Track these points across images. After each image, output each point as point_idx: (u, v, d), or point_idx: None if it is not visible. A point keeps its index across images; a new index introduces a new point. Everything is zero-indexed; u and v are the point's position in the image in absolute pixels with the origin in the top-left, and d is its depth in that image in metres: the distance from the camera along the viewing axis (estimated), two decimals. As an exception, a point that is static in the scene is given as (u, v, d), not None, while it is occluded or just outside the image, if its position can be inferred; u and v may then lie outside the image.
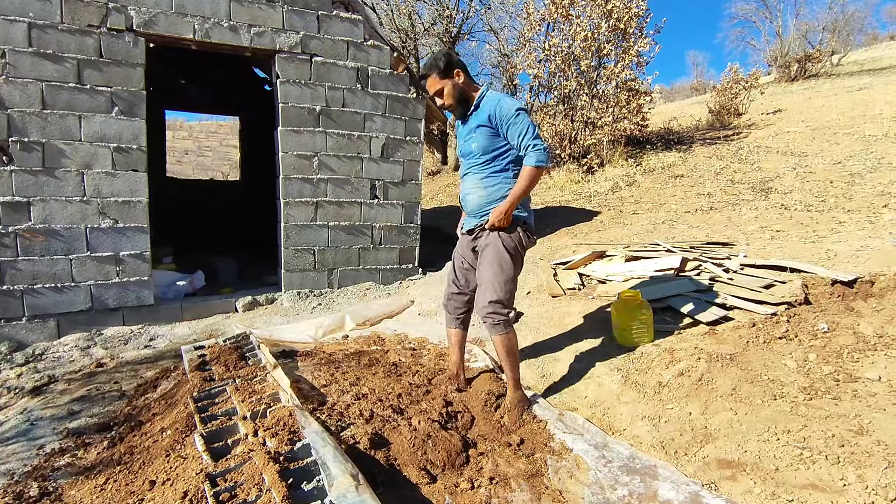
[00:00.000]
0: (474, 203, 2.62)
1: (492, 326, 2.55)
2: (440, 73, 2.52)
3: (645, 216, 6.52)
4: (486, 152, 2.56)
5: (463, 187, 2.70)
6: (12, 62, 3.77)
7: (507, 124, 2.47)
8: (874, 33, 23.82)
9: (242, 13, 4.48)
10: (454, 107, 2.60)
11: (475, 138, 2.57)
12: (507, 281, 2.55)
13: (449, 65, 2.53)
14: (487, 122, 2.51)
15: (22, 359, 3.71)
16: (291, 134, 4.79)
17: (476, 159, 2.60)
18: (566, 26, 9.05)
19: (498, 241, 2.54)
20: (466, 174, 2.67)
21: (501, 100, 2.51)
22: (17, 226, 3.85)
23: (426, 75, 2.56)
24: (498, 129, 2.51)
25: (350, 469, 1.80)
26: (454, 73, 2.54)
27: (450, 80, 2.54)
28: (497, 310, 2.53)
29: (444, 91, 2.55)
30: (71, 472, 2.29)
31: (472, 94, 2.60)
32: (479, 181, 2.60)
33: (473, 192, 2.62)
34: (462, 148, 2.69)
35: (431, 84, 2.56)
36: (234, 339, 3.58)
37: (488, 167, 2.58)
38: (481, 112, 2.55)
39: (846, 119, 9.26)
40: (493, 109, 2.50)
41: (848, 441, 2.00)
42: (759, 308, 3.09)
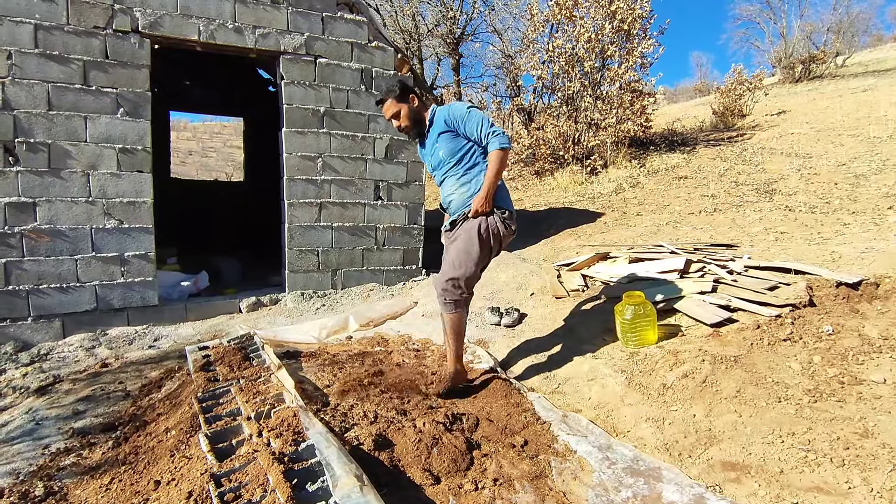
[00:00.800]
0: (458, 201, 2.78)
1: (443, 304, 2.72)
2: (396, 97, 2.74)
3: (649, 218, 6.52)
4: (454, 153, 2.75)
5: (443, 192, 2.87)
6: (18, 63, 3.79)
7: (463, 122, 2.68)
8: (879, 34, 23.78)
9: (247, 15, 4.49)
10: (409, 128, 2.80)
11: (440, 147, 2.76)
12: (470, 263, 2.67)
13: (404, 90, 2.75)
14: (445, 126, 2.72)
15: (27, 359, 3.72)
16: (296, 135, 4.80)
17: (448, 165, 2.78)
18: (570, 28, 9.05)
19: (473, 224, 2.68)
20: (444, 180, 2.85)
21: (451, 105, 2.75)
22: (22, 226, 3.87)
23: (383, 100, 2.76)
24: (457, 130, 2.72)
25: (354, 470, 1.80)
26: (409, 98, 2.76)
27: (405, 104, 2.75)
28: (451, 288, 2.67)
29: (400, 113, 2.75)
30: (76, 471, 2.29)
31: (425, 114, 2.83)
32: (457, 180, 2.77)
33: (454, 192, 2.78)
34: (431, 161, 2.87)
35: (388, 108, 2.75)
36: (238, 339, 3.59)
37: (461, 165, 2.76)
38: (437, 122, 2.77)
39: (851, 120, 9.23)
40: (446, 114, 2.72)
41: (853, 444, 2.00)
42: (764, 310, 3.08)
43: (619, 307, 3.10)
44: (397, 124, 2.79)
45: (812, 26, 17.92)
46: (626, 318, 3.02)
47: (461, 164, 2.75)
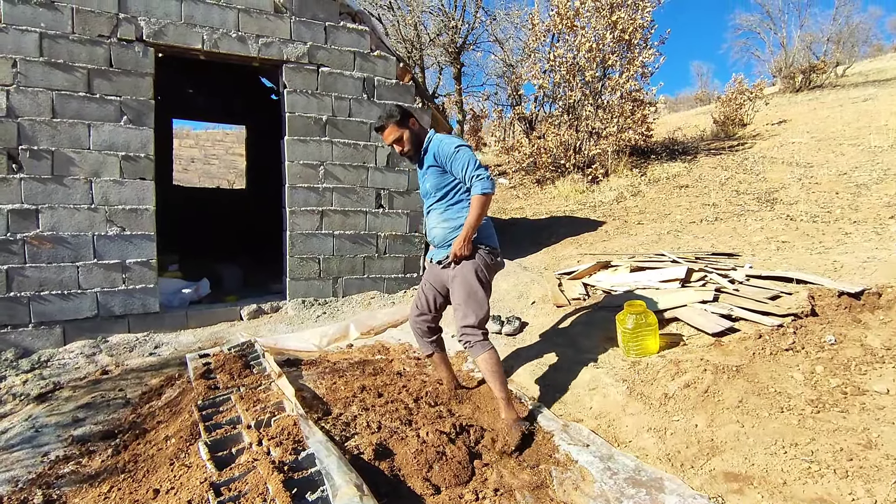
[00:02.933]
0: (440, 236, 2.75)
1: (470, 348, 2.64)
2: (397, 122, 2.68)
3: (650, 226, 6.52)
4: (439, 189, 2.72)
5: (427, 223, 2.87)
6: (23, 71, 3.82)
7: (450, 161, 2.63)
8: (879, 44, 23.89)
9: (251, 24, 4.53)
10: (412, 152, 2.75)
11: (428, 179, 2.75)
12: (478, 305, 2.64)
13: (405, 114, 2.70)
14: (434, 161, 2.69)
15: (28, 365, 3.72)
16: (298, 143, 4.82)
17: (433, 198, 2.77)
18: (571, 37, 9.11)
19: (463, 269, 2.66)
20: (429, 212, 2.82)
21: (442, 140, 2.69)
22: (25, 233, 3.88)
23: (383, 126, 2.69)
24: (443, 167, 2.68)
25: (354, 479, 1.80)
26: (409, 122, 2.71)
27: (406, 129, 2.70)
28: (470, 332, 2.62)
29: (402, 138, 2.70)
30: (75, 479, 2.29)
31: (423, 137, 2.76)
32: (440, 215, 2.75)
33: (437, 226, 2.76)
34: (421, 189, 2.85)
35: (390, 133, 2.69)
36: (238, 347, 3.58)
37: (445, 201, 2.74)
38: (429, 154, 2.73)
39: (851, 130, 9.26)
40: (436, 149, 2.68)
41: (856, 455, 1.98)
42: (766, 319, 3.07)
43: (621, 316, 3.10)
44: (399, 149, 2.73)
45: (812, 36, 18.03)
46: (628, 328, 3.01)
47: (445, 200, 2.73)
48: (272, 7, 4.60)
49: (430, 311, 2.89)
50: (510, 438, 2.41)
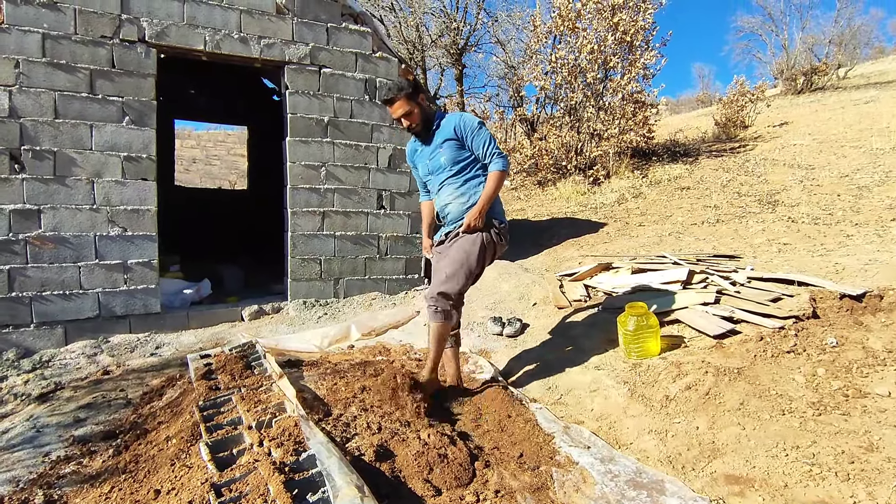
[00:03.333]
0: (455, 212, 2.77)
1: (433, 313, 2.67)
2: (408, 96, 2.64)
3: (651, 228, 6.51)
4: (456, 162, 2.74)
5: (439, 200, 2.85)
6: (26, 72, 3.83)
7: (472, 135, 2.70)
8: (880, 47, 23.86)
9: (253, 25, 4.54)
10: (420, 128, 2.74)
11: (443, 153, 2.74)
12: (465, 276, 2.68)
13: (416, 88, 2.66)
14: (453, 134, 2.71)
15: (29, 365, 3.72)
16: (299, 144, 4.83)
17: (447, 172, 2.77)
18: (573, 39, 9.11)
19: (466, 240, 2.70)
20: (441, 187, 2.82)
21: (463, 115, 2.74)
22: (27, 233, 3.89)
23: (393, 98, 2.63)
24: (463, 141, 2.72)
25: (355, 480, 1.79)
26: (420, 97, 2.68)
27: (417, 104, 2.68)
28: (443, 300, 2.66)
29: (412, 113, 2.67)
30: (76, 479, 2.29)
31: (431, 114, 2.78)
32: (456, 189, 2.77)
33: (453, 201, 2.77)
34: (430, 165, 2.83)
35: (400, 106, 2.64)
36: (239, 347, 3.59)
37: (461, 176, 2.76)
38: (445, 128, 2.74)
39: (853, 132, 9.25)
40: (457, 123, 2.71)
41: (858, 457, 1.98)
42: (767, 322, 3.07)
43: (622, 318, 3.09)
44: (407, 124, 2.71)
45: (814, 38, 18.00)
46: (629, 329, 3.01)
47: (461, 175, 2.76)
48: (274, 8, 4.61)
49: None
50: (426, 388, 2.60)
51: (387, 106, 2.69)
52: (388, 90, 2.64)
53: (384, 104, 2.70)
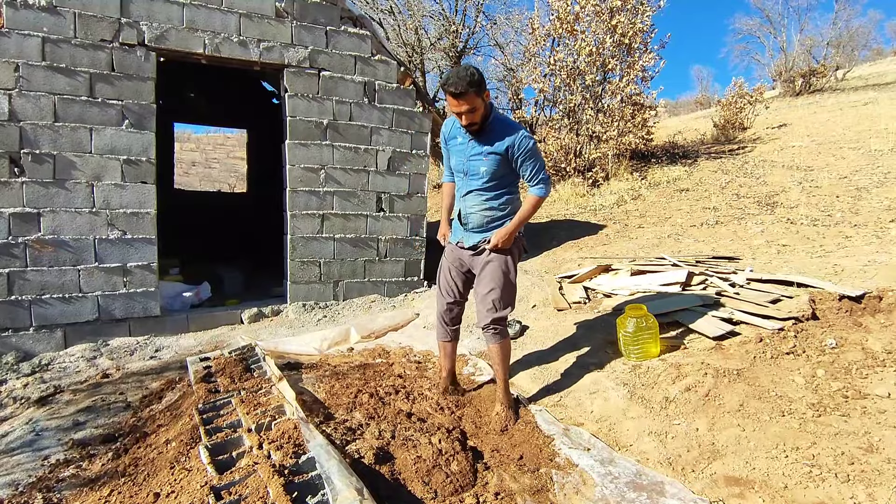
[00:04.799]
0: (477, 221, 2.68)
1: (493, 335, 2.66)
2: (478, 90, 2.40)
3: (650, 230, 6.52)
4: (496, 177, 2.60)
5: (463, 205, 2.71)
6: (26, 76, 3.83)
7: (524, 158, 2.55)
8: (878, 48, 23.92)
9: (252, 28, 4.55)
10: (479, 127, 2.54)
11: (486, 163, 2.58)
12: (512, 294, 2.70)
13: (483, 82, 2.43)
14: (504, 152, 2.54)
15: (28, 369, 3.72)
16: (299, 147, 4.83)
17: (481, 182, 2.62)
18: (571, 41, 9.13)
19: (501, 258, 2.65)
20: (469, 194, 2.68)
21: (521, 133, 2.54)
22: (26, 236, 3.89)
23: (463, 92, 2.36)
24: (511, 160, 2.56)
25: (355, 483, 1.79)
26: (486, 94, 2.47)
27: (483, 100, 2.45)
28: (502, 323, 2.67)
29: (475, 110, 2.44)
30: (75, 483, 2.28)
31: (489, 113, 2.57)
32: (484, 202, 2.65)
33: (478, 211, 2.67)
34: (466, 165, 2.65)
35: (468, 101, 2.39)
36: (239, 350, 3.58)
37: (495, 190, 2.64)
38: (498, 140, 2.54)
39: (852, 134, 9.26)
40: (514, 142, 2.52)
41: (858, 459, 1.98)
42: (766, 323, 3.07)
43: (622, 320, 3.10)
44: (469, 120, 2.47)
45: (812, 40, 18.06)
46: (629, 331, 3.01)
47: (496, 189, 2.64)
48: (273, 12, 4.62)
49: (462, 297, 2.85)
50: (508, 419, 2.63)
51: (453, 98, 2.40)
52: (458, 82, 2.35)
53: (451, 95, 2.40)
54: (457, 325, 2.90)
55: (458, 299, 2.84)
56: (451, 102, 2.43)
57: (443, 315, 2.87)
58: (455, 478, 2.10)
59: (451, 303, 2.84)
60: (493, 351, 2.69)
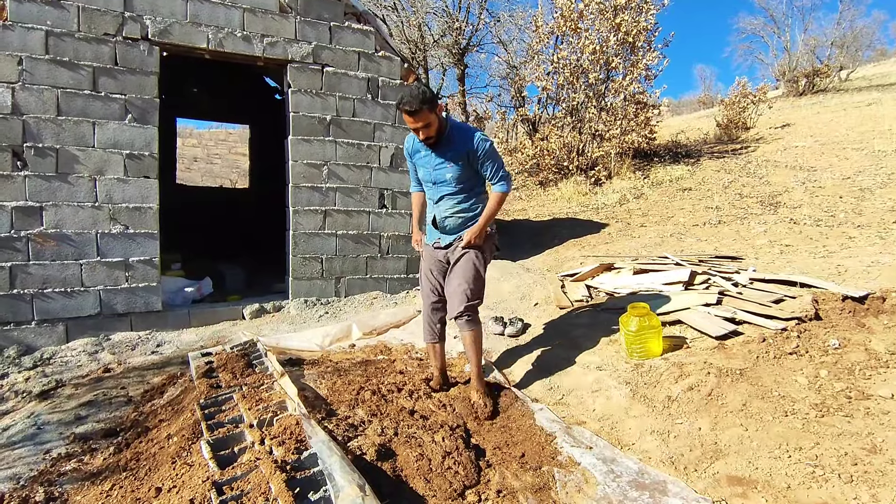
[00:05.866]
0: (454, 224, 2.86)
1: (466, 322, 2.81)
2: (430, 107, 2.58)
3: (653, 229, 6.51)
4: (462, 181, 2.79)
5: (438, 210, 2.89)
6: (29, 69, 3.83)
7: (483, 159, 2.73)
8: (882, 49, 23.83)
9: (256, 24, 4.53)
10: (434, 140, 2.71)
11: (451, 170, 2.77)
12: (481, 286, 2.87)
13: (434, 99, 2.61)
14: (465, 157, 2.73)
15: (30, 363, 3.72)
16: (301, 143, 4.82)
17: (450, 187, 2.81)
18: (575, 39, 9.10)
19: (471, 254, 2.82)
20: (441, 200, 2.86)
21: (477, 137, 2.71)
22: (29, 230, 3.88)
23: (418, 110, 2.54)
24: (472, 163, 2.75)
25: (357, 479, 1.79)
26: (438, 108, 2.66)
27: (436, 115, 2.63)
28: (473, 311, 2.83)
29: (431, 125, 2.63)
30: (77, 477, 2.29)
31: (444, 124, 2.74)
32: (458, 205, 2.84)
33: (453, 215, 2.85)
34: (433, 174, 2.84)
35: (422, 118, 2.58)
36: (241, 346, 3.58)
37: (464, 193, 2.83)
38: (458, 146, 2.73)
39: (855, 134, 9.24)
40: (473, 146, 2.70)
41: (861, 459, 1.97)
42: (769, 323, 3.06)
43: (624, 318, 3.09)
44: (426, 134, 2.67)
45: (816, 40, 17.98)
46: (631, 330, 3.01)
47: (465, 192, 2.83)
48: (277, 7, 4.61)
49: (442, 296, 2.98)
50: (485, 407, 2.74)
51: (408, 116, 2.59)
52: (411, 101, 2.53)
53: (406, 114, 2.58)
54: (444, 323, 3.05)
55: (439, 297, 2.99)
56: (408, 120, 2.62)
57: (430, 315, 3.02)
58: (457, 475, 2.10)
59: (435, 301, 3.00)
60: (467, 338, 2.84)
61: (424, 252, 3.05)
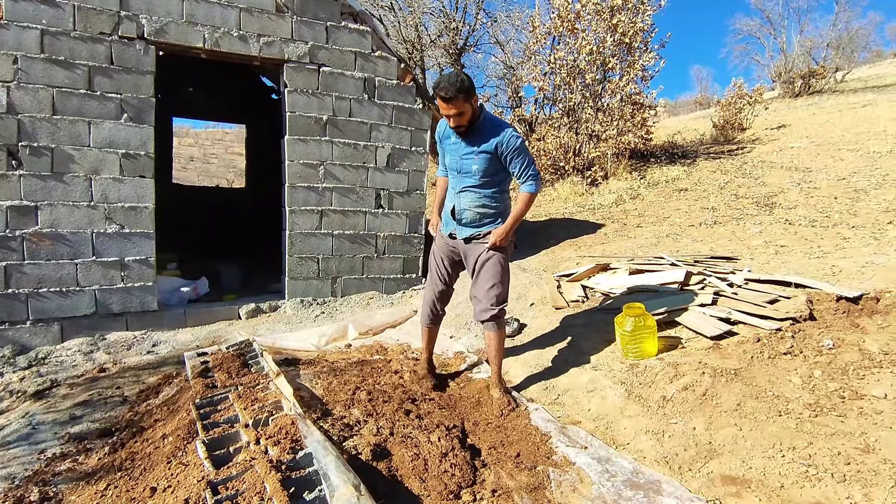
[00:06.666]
0: (471, 217, 2.84)
1: (494, 325, 2.86)
2: (466, 96, 2.55)
3: (649, 229, 6.52)
4: (487, 175, 2.77)
5: (458, 201, 2.86)
6: (24, 68, 3.81)
7: (512, 156, 2.71)
8: (878, 50, 23.97)
9: (252, 23, 4.53)
10: (466, 129, 2.69)
11: (477, 161, 2.74)
12: (507, 288, 2.91)
13: (472, 88, 2.57)
14: (494, 150, 2.71)
15: (25, 362, 3.71)
16: (298, 143, 4.82)
17: (474, 179, 2.79)
18: (572, 40, 9.11)
19: (498, 255, 2.84)
20: (463, 191, 2.84)
21: (508, 132, 2.70)
22: (24, 230, 3.87)
23: (454, 98, 2.52)
24: (501, 158, 2.73)
25: (352, 479, 1.79)
26: (474, 98, 2.62)
27: (470, 104, 2.60)
28: (503, 314, 2.89)
29: (463, 114, 2.60)
30: (72, 477, 2.28)
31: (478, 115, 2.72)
32: (479, 199, 2.81)
33: (472, 208, 2.83)
34: (459, 163, 2.81)
35: (456, 105, 2.54)
36: (237, 346, 3.58)
37: (488, 188, 2.80)
38: (488, 140, 2.71)
39: (850, 135, 9.28)
40: (501, 141, 2.69)
41: (854, 459, 1.99)
42: (764, 323, 3.08)
43: (620, 319, 3.10)
44: (457, 123, 2.64)
45: (812, 42, 18.08)
46: (627, 330, 3.02)
47: (488, 187, 2.79)
48: (274, 6, 4.60)
49: (451, 283, 3.08)
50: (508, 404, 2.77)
51: (443, 101, 2.55)
52: (448, 87, 2.50)
53: (441, 99, 2.55)
54: (444, 311, 3.16)
55: (449, 285, 3.07)
56: (441, 105, 2.59)
57: (435, 301, 3.07)
58: (453, 476, 2.10)
59: (442, 290, 3.05)
60: (493, 339, 2.89)
61: (439, 240, 3.05)
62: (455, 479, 2.09)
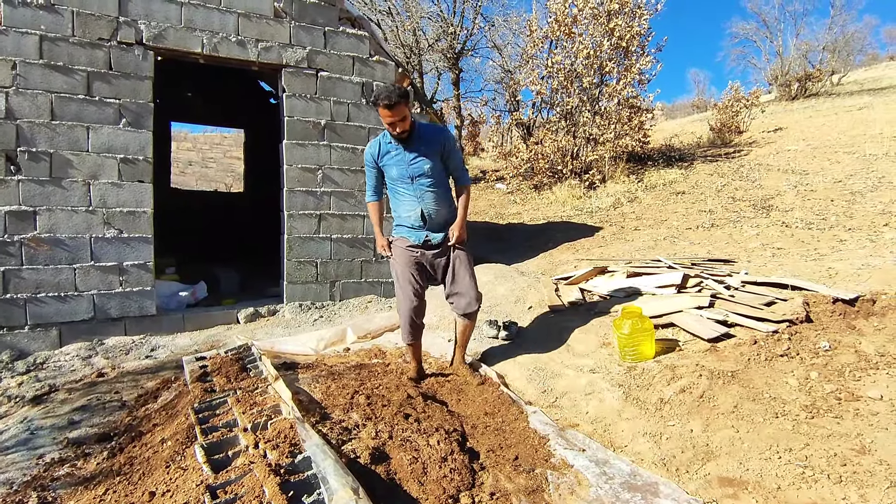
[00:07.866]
0: (443, 218, 3.01)
1: (472, 316, 3.08)
2: (406, 101, 2.74)
3: (646, 232, 6.55)
4: (439, 173, 2.96)
5: (425, 205, 2.97)
6: (23, 74, 3.83)
7: (453, 151, 2.99)
8: (874, 53, 24.12)
9: (250, 28, 4.55)
10: (407, 134, 2.84)
11: (429, 161, 2.91)
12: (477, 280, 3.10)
13: (408, 94, 2.81)
14: (441, 148, 2.94)
15: (23, 367, 3.71)
16: (296, 147, 4.83)
17: (430, 180, 2.94)
18: (569, 44, 9.16)
19: (465, 251, 3.05)
20: (423, 194, 2.96)
21: (448, 131, 2.97)
22: (22, 235, 3.88)
23: (397, 103, 2.68)
24: (443, 156, 2.96)
25: (351, 483, 1.80)
26: (409, 103, 2.81)
27: (408, 110, 2.79)
28: (479, 305, 3.08)
29: (406, 118, 2.78)
30: (70, 482, 2.28)
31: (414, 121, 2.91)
32: (440, 198, 2.99)
33: (440, 208, 2.99)
34: (409, 170, 2.92)
35: (400, 111, 2.71)
36: (235, 350, 3.58)
37: (442, 186, 3.00)
38: (431, 140, 2.92)
39: (847, 138, 9.32)
40: (444, 139, 2.96)
41: (850, 460, 2.00)
42: (761, 325, 3.09)
43: (617, 321, 3.11)
44: (401, 128, 2.79)
45: (808, 45, 18.17)
46: (624, 333, 3.03)
47: (439, 185, 2.98)
48: (272, 12, 4.62)
49: (424, 297, 3.10)
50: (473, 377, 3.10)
51: (386, 109, 2.69)
52: (389, 95, 2.65)
53: (384, 107, 2.69)
54: (423, 324, 3.19)
55: (423, 298, 3.10)
56: (385, 114, 2.73)
57: (413, 316, 3.07)
58: (452, 479, 2.10)
59: (418, 304, 3.07)
60: (469, 328, 3.16)
61: (402, 256, 3.04)
62: (454, 482, 2.09)
